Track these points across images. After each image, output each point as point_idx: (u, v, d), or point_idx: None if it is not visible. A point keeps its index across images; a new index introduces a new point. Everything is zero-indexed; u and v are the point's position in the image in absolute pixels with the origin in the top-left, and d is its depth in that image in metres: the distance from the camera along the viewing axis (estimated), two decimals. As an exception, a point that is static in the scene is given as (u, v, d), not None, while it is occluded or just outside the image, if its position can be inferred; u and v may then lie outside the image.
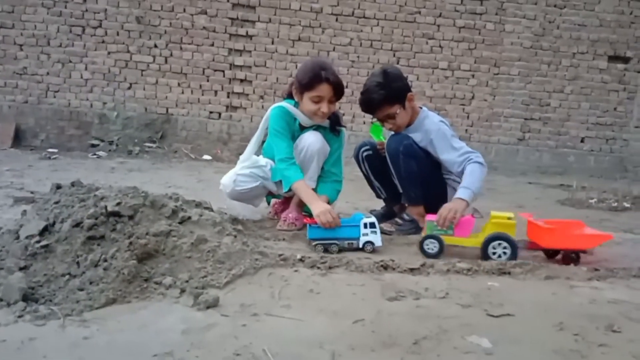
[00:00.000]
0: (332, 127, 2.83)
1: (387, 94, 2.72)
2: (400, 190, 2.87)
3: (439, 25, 6.81)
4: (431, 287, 1.87)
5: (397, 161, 2.74)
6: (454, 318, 1.62)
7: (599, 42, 6.92)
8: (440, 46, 6.85)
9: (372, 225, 2.34)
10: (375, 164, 2.98)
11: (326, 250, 2.30)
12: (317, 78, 2.61)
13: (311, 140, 2.69)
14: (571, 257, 2.33)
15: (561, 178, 6.48)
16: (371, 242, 2.33)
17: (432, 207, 2.58)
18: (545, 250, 2.45)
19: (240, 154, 2.91)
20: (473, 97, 6.97)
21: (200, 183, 4.38)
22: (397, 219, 2.84)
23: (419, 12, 6.79)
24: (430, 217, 2.41)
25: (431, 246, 2.32)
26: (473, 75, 6.92)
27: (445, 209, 2.37)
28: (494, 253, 2.26)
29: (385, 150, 2.81)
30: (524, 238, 2.47)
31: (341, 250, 2.32)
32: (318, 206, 2.42)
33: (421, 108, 2.90)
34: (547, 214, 3.76)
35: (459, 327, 1.54)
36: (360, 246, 2.33)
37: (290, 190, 2.66)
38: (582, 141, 7.08)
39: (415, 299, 1.77)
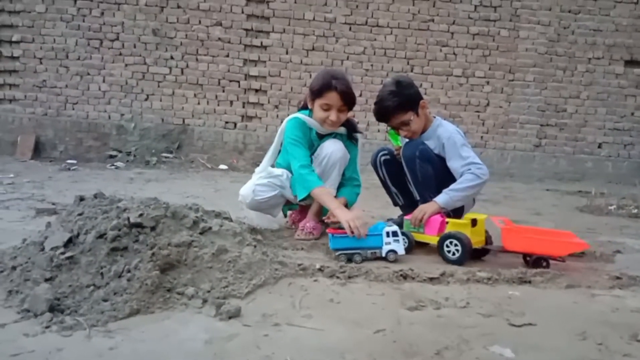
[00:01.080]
0: (349, 134, 2.86)
1: (401, 101, 2.77)
2: (417, 197, 2.87)
3: (452, 33, 6.82)
4: (451, 297, 1.87)
5: (413, 166, 2.77)
6: (475, 327, 1.61)
7: (615, 47, 6.86)
8: (454, 53, 6.85)
9: (395, 234, 2.34)
10: (392, 170, 2.99)
11: (349, 260, 2.29)
12: (326, 86, 2.66)
13: (333, 149, 2.72)
14: (540, 263, 2.31)
15: (579, 184, 6.42)
16: (394, 251, 2.33)
17: (449, 213, 2.65)
18: (523, 256, 2.44)
19: (256, 163, 2.95)
20: (488, 104, 6.95)
21: (218, 193, 4.41)
22: None
23: (433, 20, 6.80)
24: (407, 217, 2.63)
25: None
26: (488, 82, 6.91)
27: (417, 210, 2.60)
28: (448, 251, 2.39)
29: (401, 156, 2.83)
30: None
31: (364, 259, 2.32)
32: (345, 213, 2.44)
33: (435, 117, 2.93)
34: (566, 221, 3.75)
35: (480, 337, 1.54)
36: (384, 255, 2.33)
37: (307, 198, 2.68)
38: (599, 147, 7.01)
39: (435, 308, 1.77)
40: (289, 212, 3.07)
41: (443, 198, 2.59)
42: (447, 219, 2.53)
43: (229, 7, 6.65)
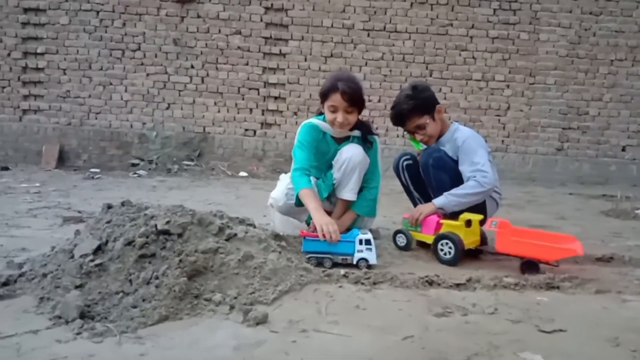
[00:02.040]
0: (364, 136, 2.86)
1: (417, 104, 2.78)
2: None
3: (471, 37, 6.78)
4: (478, 303, 1.85)
5: (428, 173, 2.79)
6: (505, 334, 1.60)
7: (638, 48, 6.76)
8: (473, 57, 6.81)
9: (368, 242, 2.30)
10: (415, 174, 2.98)
11: (319, 264, 2.27)
12: (331, 88, 2.68)
13: (352, 153, 2.72)
14: (530, 267, 2.29)
15: (602, 188, 6.31)
16: (365, 259, 2.29)
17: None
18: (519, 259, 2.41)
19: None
20: (508, 108, 6.88)
21: (239, 200, 4.44)
22: None
23: (451, 25, 6.77)
24: (405, 215, 2.73)
25: (401, 240, 2.68)
26: (508, 86, 6.85)
27: (415, 209, 2.71)
28: (442, 250, 2.45)
29: (420, 164, 2.85)
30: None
31: (335, 264, 2.29)
32: (320, 217, 2.42)
33: (452, 122, 2.94)
34: (592, 226, 3.69)
35: (510, 343, 1.52)
36: (355, 262, 2.29)
37: (328, 198, 2.69)
38: (623, 150, 6.90)
39: (463, 314, 1.76)
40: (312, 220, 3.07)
41: (441, 200, 2.63)
42: (442, 220, 2.55)
43: (248, 16, 6.71)
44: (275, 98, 6.84)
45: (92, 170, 6.20)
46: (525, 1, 6.74)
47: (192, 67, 6.75)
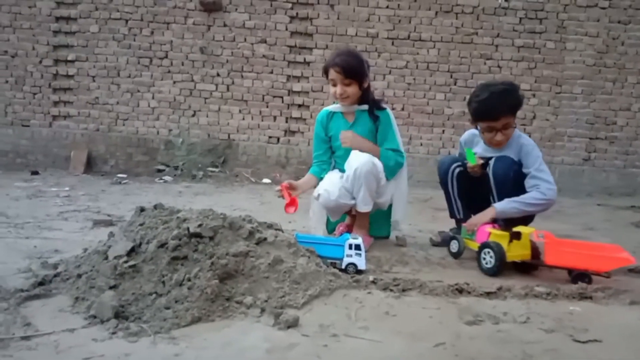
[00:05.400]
0: (371, 110, 2.90)
1: (514, 101, 2.77)
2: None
3: (497, 46, 6.73)
4: (510, 312, 1.83)
5: (504, 186, 2.72)
6: (538, 343, 1.58)
7: (669, 58, 6.64)
8: (498, 66, 6.76)
9: (358, 247, 2.28)
10: (463, 183, 2.93)
11: None
12: (328, 64, 2.85)
13: (357, 165, 2.70)
14: (583, 279, 2.22)
15: (630, 199, 6.18)
16: (354, 264, 2.26)
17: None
18: (568, 271, 2.35)
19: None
20: (534, 117, 6.81)
21: (263, 205, 4.47)
22: None
23: (476, 33, 6.74)
24: (464, 224, 2.74)
25: (454, 246, 2.70)
26: (534, 95, 6.77)
27: (474, 217, 2.71)
28: (484, 259, 2.43)
29: (491, 172, 2.75)
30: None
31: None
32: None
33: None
34: (622, 237, 3.61)
35: (544, 353, 1.51)
36: (343, 267, 2.25)
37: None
38: (652, 160, 6.76)
39: (494, 323, 1.74)
40: (337, 225, 3.08)
41: (503, 205, 2.63)
42: (490, 229, 2.50)
43: (274, 25, 6.78)
44: (299, 106, 6.87)
45: (119, 175, 6.31)
46: (551, 10, 6.68)
47: (218, 75, 6.83)
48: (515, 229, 2.44)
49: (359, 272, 2.25)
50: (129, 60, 6.85)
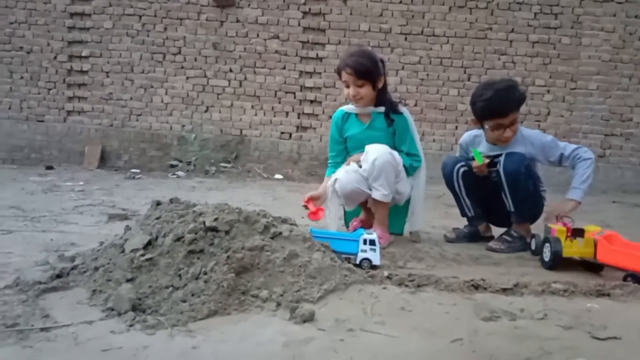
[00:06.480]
0: (387, 114, 2.87)
1: (520, 96, 2.81)
2: (511, 208, 2.83)
3: (511, 41, 6.68)
4: (527, 308, 1.82)
5: (516, 182, 2.74)
6: (556, 340, 1.56)
7: (687, 53, 6.54)
8: (513, 62, 6.70)
9: (372, 242, 2.26)
10: (469, 182, 2.94)
11: None
12: (340, 66, 2.81)
13: (376, 155, 2.68)
14: (635, 280, 2.16)
15: (647, 197, 6.11)
16: (369, 260, 2.24)
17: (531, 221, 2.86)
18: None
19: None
20: (549, 113, 6.74)
21: (276, 201, 4.48)
22: (506, 237, 2.81)
23: (490, 29, 6.68)
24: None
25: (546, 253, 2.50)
26: (548, 91, 6.71)
27: (550, 211, 2.71)
28: (544, 253, 2.44)
29: (502, 169, 2.76)
30: None
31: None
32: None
33: None
34: (637, 235, 3.55)
35: (562, 349, 1.49)
36: (357, 262, 2.24)
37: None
38: (669, 158, 6.67)
39: (511, 319, 1.72)
40: (352, 220, 3.08)
41: (579, 193, 2.70)
42: (554, 226, 2.46)
43: (286, 20, 6.78)
44: (311, 102, 6.87)
45: (132, 170, 6.35)
46: (567, 5, 6.60)
47: (231, 70, 6.84)
48: (590, 228, 2.42)
49: (374, 267, 2.24)
50: (143, 56, 6.89)
